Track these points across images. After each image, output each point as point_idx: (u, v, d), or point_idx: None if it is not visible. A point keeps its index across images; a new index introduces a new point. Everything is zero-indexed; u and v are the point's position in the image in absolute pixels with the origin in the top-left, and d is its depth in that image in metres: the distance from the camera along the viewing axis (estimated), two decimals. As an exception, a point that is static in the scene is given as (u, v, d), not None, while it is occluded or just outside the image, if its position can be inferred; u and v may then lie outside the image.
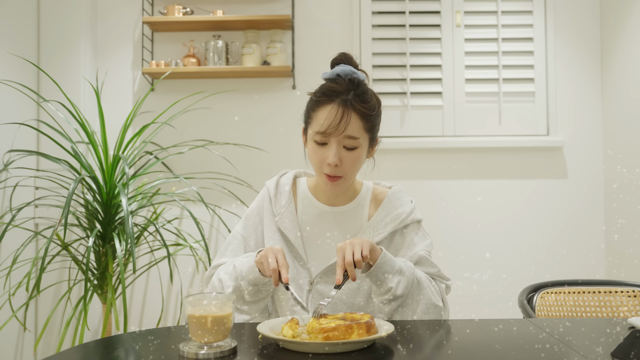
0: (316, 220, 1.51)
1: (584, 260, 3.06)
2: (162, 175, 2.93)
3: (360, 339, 1.08)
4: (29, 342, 2.83)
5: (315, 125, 1.41)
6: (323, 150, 1.41)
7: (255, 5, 3.12)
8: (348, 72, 1.43)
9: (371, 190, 1.56)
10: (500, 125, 3.09)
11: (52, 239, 2.43)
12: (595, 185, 3.08)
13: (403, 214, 1.49)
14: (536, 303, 1.74)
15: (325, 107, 1.40)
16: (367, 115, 1.40)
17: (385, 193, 1.54)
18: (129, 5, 3.13)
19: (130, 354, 1.14)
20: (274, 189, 1.54)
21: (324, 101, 1.41)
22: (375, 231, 1.47)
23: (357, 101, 1.39)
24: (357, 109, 1.39)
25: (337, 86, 1.41)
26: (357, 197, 1.53)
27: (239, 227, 1.55)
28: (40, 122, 2.85)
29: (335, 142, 1.39)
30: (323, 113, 1.40)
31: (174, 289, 3.06)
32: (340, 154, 1.40)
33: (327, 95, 1.40)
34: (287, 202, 1.51)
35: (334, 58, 1.48)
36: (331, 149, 1.39)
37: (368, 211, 1.52)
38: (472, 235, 3.07)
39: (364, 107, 1.40)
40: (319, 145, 1.41)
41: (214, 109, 3.09)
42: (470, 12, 3.10)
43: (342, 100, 1.39)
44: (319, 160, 1.42)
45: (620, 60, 2.92)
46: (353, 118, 1.38)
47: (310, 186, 1.56)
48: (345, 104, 1.38)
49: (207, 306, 1.08)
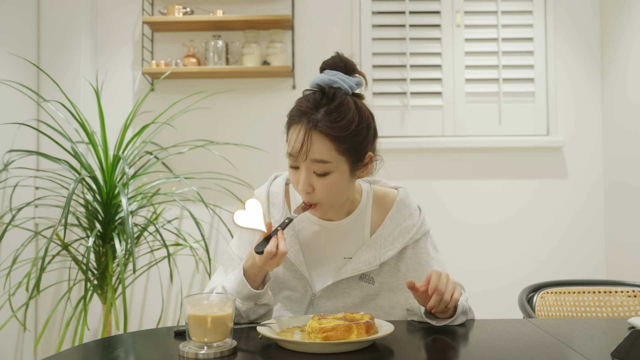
0: (314, 236, 1.38)
1: (584, 260, 3.06)
2: (162, 175, 2.93)
3: (360, 339, 1.07)
4: (29, 342, 2.83)
5: (288, 146, 1.29)
6: (296, 175, 1.29)
7: (255, 5, 3.12)
8: (327, 81, 1.27)
9: (372, 194, 1.42)
10: (500, 125, 3.09)
11: (52, 239, 2.43)
12: (595, 186, 3.08)
13: (413, 227, 1.38)
14: (536, 303, 1.74)
15: (294, 127, 1.27)
16: (336, 137, 1.23)
17: (390, 196, 1.42)
18: (129, 5, 3.13)
19: (130, 354, 1.14)
20: (265, 201, 1.41)
21: (294, 121, 1.28)
22: (383, 247, 1.35)
23: (326, 121, 1.22)
24: (324, 130, 1.22)
25: (307, 103, 1.26)
26: (357, 210, 1.39)
27: (234, 246, 1.42)
28: (40, 122, 2.85)
29: (304, 167, 1.25)
30: (292, 134, 1.27)
31: (174, 289, 3.06)
32: (311, 179, 1.26)
33: (297, 115, 1.27)
34: (281, 215, 1.39)
35: (325, 61, 1.32)
36: (301, 174, 1.27)
37: (371, 220, 1.39)
38: (472, 235, 3.07)
39: (333, 127, 1.22)
40: (293, 169, 1.29)
41: (214, 109, 3.09)
42: (470, 12, 3.10)
43: (307, 120, 1.24)
44: (295, 185, 1.31)
45: (620, 60, 2.92)
46: (318, 140, 1.23)
47: None
48: (311, 125, 1.23)
49: (207, 306, 1.08)
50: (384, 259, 1.35)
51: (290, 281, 1.37)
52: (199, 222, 2.59)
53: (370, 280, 1.36)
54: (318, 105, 1.25)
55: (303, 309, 1.37)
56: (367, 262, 1.34)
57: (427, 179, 3.09)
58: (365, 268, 1.34)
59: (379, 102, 3.06)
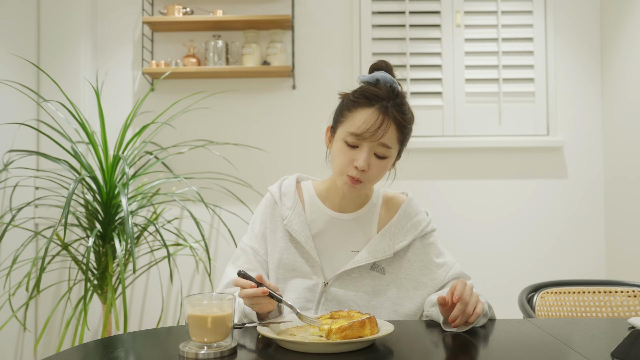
0: (325, 226, 1.45)
1: (584, 260, 3.06)
2: (162, 175, 2.93)
3: (360, 339, 1.08)
4: (29, 342, 2.83)
5: (349, 125, 1.35)
6: (352, 153, 1.35)
7: (255, 5, 3.12)
8: (388, 80, 1.38)
9: (382, 195, 1.51)
10: (500, 125, 3.09)
11: (52, 239, 2.43)
12: (595, 185, 3.08)
13: (423, 221, 1.47)
14: (536, 303, 1.75)
15: (363, 109, 1.34)
16: (403, 126, 1.37)
17: (400, 199, 1.50)
18: (129, 5, 3.14)
19: (130, 354, 1.14)
20: (277, 192, 1.49)
21: (363, 103, 1.35)
22: (396, 238, 1.43)
23: (397, 111, 1.35)
24: (396, 118, 1.34)
25: (379, 91, 1.35)
26: (369, 203, 1.48)
27: (246, 239, 1.49)
28: (40, 122, 2.85)
29: (368, 147, 1.34)
30: (361, 115, 1.34)
31: (174, 289, 3.06)
32: (370, 160, 1.34)
33: (367, 98, 1.35)
34: (293, 204, 1.46)
35: (373, 64, 1.42)
36: (362, 153, 1.34)
37: (379, 217, 1.47)
38: (472, 235, 3.07)
39: (403, 118, 1.36)
40: (349, 147, 1.35)
41: (214, 109, 3.09)
42: (470, 12, 3.10)
43: (382, 106, 1.34)
44: (345, 162, 1.36)
45: (620, 61, 2.92)
46: (391, 127, 1.34)
47: (317, 191, 1.50)
48: (386, 111, 1.33)
49: (207, 306, 1.08)
50: (398, 248, 1.42)
51: (302, 267, 1.43)
52: (199, 222, 2.59)
53: (381, 271, 1.42)
54: (389, 96, 1.36)
55: (315, 297, 1.41)
56: (383, 250, 1.42)
57: (427, 179, 3.09)
58: (381, 256, 1.41)
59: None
